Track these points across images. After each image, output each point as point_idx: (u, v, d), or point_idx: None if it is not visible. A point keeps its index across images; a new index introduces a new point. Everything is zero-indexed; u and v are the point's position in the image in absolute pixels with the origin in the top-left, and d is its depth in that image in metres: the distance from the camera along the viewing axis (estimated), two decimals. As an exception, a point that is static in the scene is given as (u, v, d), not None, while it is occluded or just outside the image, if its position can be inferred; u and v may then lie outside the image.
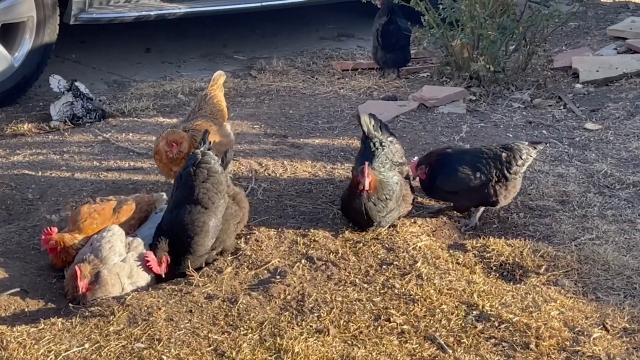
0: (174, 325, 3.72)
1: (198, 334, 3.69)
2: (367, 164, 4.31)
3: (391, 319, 3.83)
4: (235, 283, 4.04)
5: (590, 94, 6.56)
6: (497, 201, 4.58)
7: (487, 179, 4.53)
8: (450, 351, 3.68)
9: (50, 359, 3.52)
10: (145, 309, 3.80)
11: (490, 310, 3.92)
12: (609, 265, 4.31)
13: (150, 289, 3.98)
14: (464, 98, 6.36)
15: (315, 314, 3.84)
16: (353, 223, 4.47)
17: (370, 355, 3.62)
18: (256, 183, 4.92)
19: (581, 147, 5.62)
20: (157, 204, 4.44)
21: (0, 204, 4.83)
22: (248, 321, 3.78)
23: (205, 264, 4.16)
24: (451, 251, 4.39)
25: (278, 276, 4.09)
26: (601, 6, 8.99)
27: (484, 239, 4.50)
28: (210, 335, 3.69)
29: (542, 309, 3.95)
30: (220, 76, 5.06)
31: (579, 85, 6.71)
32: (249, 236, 4.38)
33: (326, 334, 3.72)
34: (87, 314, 3.78)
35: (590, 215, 4.76)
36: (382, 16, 6.95)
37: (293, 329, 3.74)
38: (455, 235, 4.56)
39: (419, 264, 4.21)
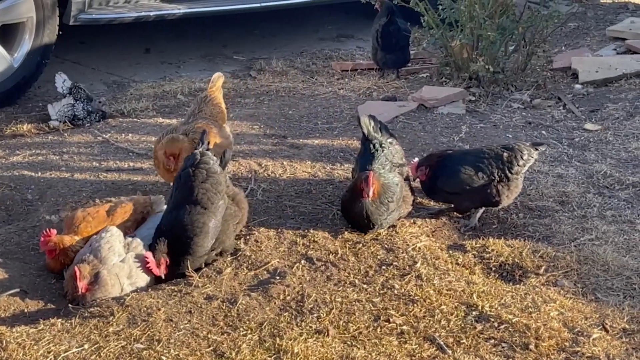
0: (174, 325, 3.72)
1: (197, 334, 3.69)
2: (373, 174, 4.28)
3: (391, 320, 3.83)
4: (234, 284, 4.04)
5: (590, 95, 6.56)
6: (500, 201, 4.58)
7: (490, 179, 4.53)
8: (450, 352, 3.67)
9: (50, 359, 3.52)
10: (145, 309, 3.80)
11: (490, 311, 3.92)
12: (609, 266, 4.31)
13: (150, 290, 3.98)
14: (463, 98, 6.35)
15: (315, 315, 3.84)
16: (353, 225, 4.46)
17: (369, 356, 3.62)
18: (255, 183, 4.92)
19: (581, 148, 5.61)
20: (155, 206, 4.44)
21: (0, 204, 4.83)
22: (247, 322, 3.77)
23: (204, 264, 4.15)
24: (451, 252, 4.39)
25: (277, 277, 4.09)
26: (600, 7, 9.00)
27: (483, 239, 4.50)
28: (209, 335, 3.68)
29: (542, 309, 3.95)
30: (219, 78, 5.06)
31: (578, 86, 6.71)
32: (248, 237, 4.38)
33: (326, 334, 3.72)
34: (87, 314, 3.78)
35: (590, 216, 4.76)
36: (382, 17, 6.94)
37: (292, 329, 3.74)
38: (454, 235, 4.56)
39: (418, 265, 4.21)
